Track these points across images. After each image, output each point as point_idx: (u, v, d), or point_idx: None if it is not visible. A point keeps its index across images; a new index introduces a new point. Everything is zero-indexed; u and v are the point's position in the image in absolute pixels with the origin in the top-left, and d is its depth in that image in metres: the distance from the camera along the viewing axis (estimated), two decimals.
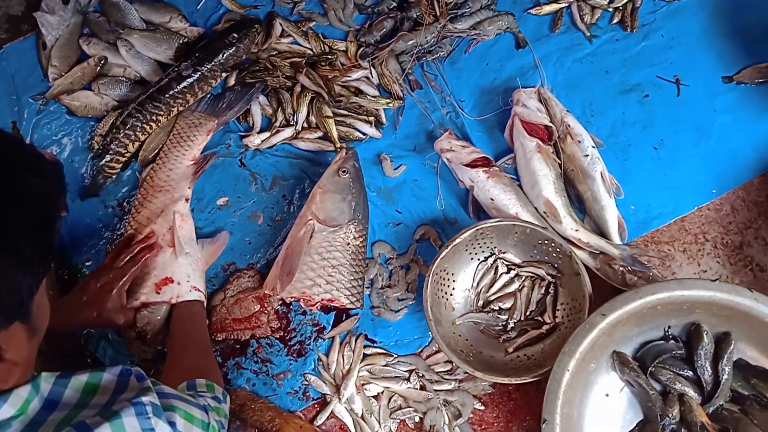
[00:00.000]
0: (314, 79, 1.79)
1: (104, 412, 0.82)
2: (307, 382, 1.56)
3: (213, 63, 1.76)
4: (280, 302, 1.61)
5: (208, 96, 1.82)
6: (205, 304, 1.57)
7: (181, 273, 1.55)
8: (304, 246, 1.54)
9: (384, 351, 1.58)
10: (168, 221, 1.59)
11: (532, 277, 1.56)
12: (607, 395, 1.39)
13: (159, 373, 1.41)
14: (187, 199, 1.66)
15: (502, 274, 1.57)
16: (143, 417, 0.82)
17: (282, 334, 1.60)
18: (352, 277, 1.55)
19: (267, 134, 1.78)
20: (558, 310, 1.52)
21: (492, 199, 1.59)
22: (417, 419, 1.52)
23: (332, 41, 1.87)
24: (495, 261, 1.57)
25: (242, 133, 1.80)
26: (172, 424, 0.87)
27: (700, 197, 1.61)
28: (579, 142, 1.59)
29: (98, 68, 1.86)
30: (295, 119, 1.78)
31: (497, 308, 1.56)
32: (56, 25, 1.91)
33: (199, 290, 1.55)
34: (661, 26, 1.78)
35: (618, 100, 1.72)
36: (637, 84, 1.73)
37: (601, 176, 1.57)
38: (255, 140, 1.77)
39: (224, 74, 1.81)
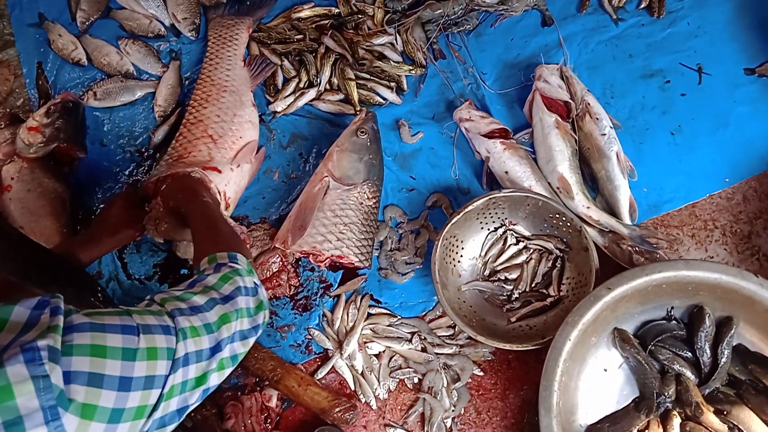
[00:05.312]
0: (339, 41, 1.80)
1: None
2: (310, 337, 1.59)
3: None
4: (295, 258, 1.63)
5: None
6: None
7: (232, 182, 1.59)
8: (318, 202, 1.55)
9: (388, 312, 1.60)
10: (240, 128, 1.65)
11: (540, 250, 1.57)
12: (605, 370, 1.41)
13: None
14: (253, 105, 1.72)
15: (510, 245, 1.58)
16: (34, 364, 0.70)
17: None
18: (363, 237, 1.57)
19: (292, 98, 1.79)
20: (563, 284, 1.54)
21: (507, 172, 1.60)
22: (416, 380, 1.55)
23: (361, 4, 1.87)
24: (505, 232, 1.59)
25: (268, 98, 1.82)
26: (68, 373, 0.74)
27: (712, 185, 1.62)
28: (597, 120, 1.60)
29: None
30: (319, 80, 1.79)
31: (503, 278, 1.57)
32: None
33: (228, 203, 1.58)
34: (687, 14, 1.78)
35: (639, 84, 1.73)
36: (659, 69, 1.74)
37: (617, 156, 1.57)
38: (281, 105, 1.79)
39: None
